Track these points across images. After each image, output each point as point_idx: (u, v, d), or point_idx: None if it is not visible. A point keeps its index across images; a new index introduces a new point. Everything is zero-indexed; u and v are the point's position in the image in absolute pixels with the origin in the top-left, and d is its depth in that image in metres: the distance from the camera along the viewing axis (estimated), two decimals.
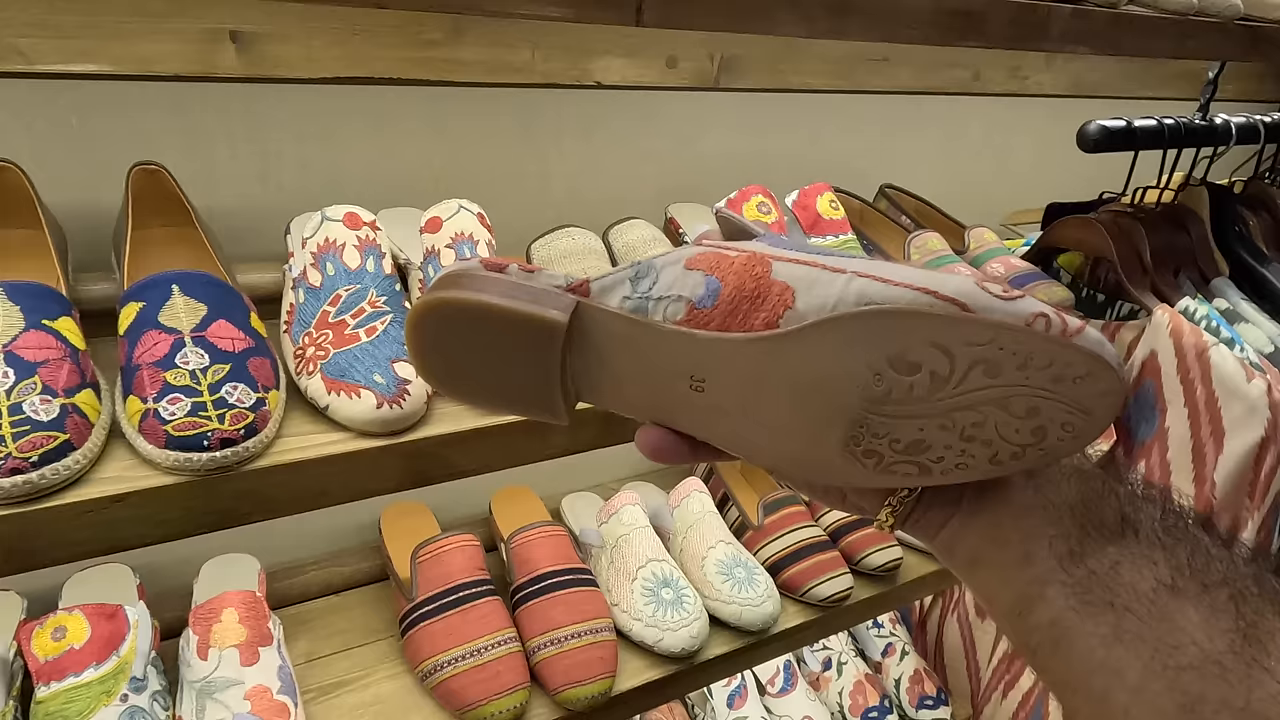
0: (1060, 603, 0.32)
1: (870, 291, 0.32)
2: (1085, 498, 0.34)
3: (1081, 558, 0.33)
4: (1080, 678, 0.32)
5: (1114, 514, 0.33)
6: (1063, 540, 0.33)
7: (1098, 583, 0.32)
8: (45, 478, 0.48)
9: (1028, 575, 0.34)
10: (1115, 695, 0.30)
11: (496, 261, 0.36)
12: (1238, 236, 1.09)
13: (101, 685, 0.65)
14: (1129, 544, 0.32)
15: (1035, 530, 0.34)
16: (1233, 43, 0.96)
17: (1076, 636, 0.32)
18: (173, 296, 0.57)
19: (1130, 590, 0.31)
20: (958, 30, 0.73)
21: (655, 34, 0.90)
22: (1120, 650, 0.30)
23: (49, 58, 0.66)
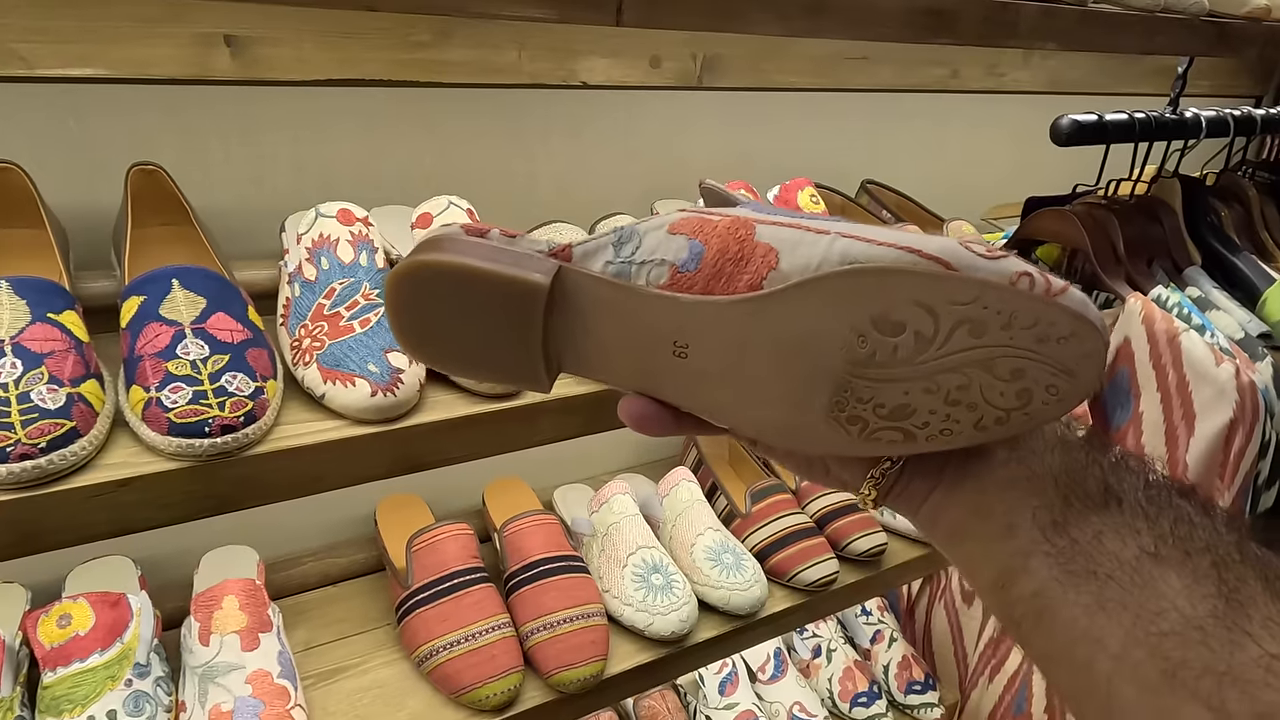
0: (1043, 573, 0.32)
1: (854, 251, 0.32)
2: (1069, 468, 0.34)
3: (1065, 528, 0.32)
4: (1063, 648, 0.32)
5: (1098, 484, 0.33)
6: (1046, 511, 0.33)
7: (1080, 552, 0.32)
8: (53, 463, 0.50)
9: (1011, 547, 0.34)
10: (1098, 664, 0.30)
11: (478, 226, 0.36)
12: (1210, 227, 1.12)
13: (106, 670, 0.67)
14: (1112, 513, 0.32)
15: (1018, 501, 0.34)
16: (1199, 38, 0.99)
17: (1059, 607, 0.32)
18: (173, 290, 0.59)
19: (1113, 559, 0.31)
20: (930, 28, 0.76)
21: (639, 35, 0.92)
22: (1103, 619, 0.30)
23: (48, 62, 0.68)
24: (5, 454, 0.49)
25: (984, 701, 1.21)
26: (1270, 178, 1.24)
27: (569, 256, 0.36)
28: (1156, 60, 1.44)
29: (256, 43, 0.74)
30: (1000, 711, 1.18)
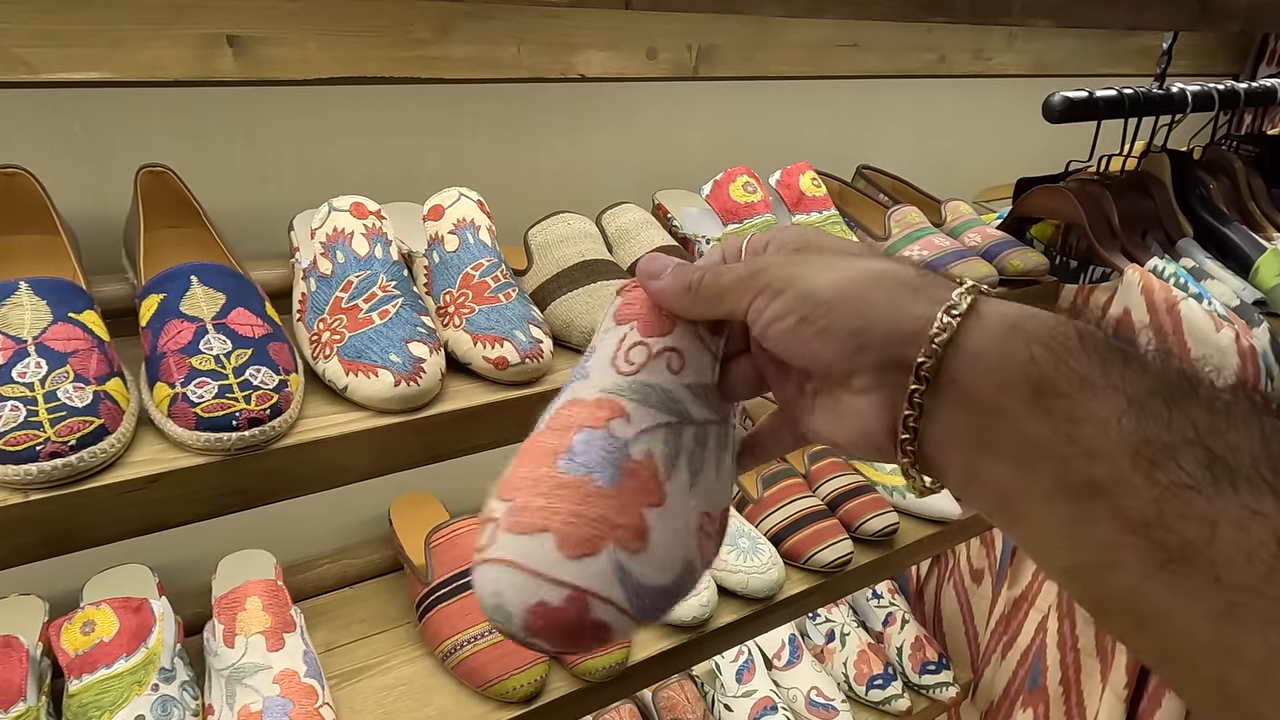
0: (1138, 571, 0.25)
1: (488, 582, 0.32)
2: (1147, 436, 0.25)
3: (1163, 524, 0.25)
4: (1181, 657, 0.25)
5: (1197, 457, 0.25)
6: (1132, 501, 0.25)
7: (1192, 553, 0.24)
8: (84, 460, 0.50)
9: (1087, 535, 0.26)
10: (1234, 679, 0.24)
11: None
12: (1200, 199, 1.14)
13: (133, 676, 0.67)
14: (1225, 495, 0.24)
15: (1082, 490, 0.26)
16: (1185, 13, 1.01)
17: (1171, 615, 0.25)
18: (192, 287, 0.59)
19: (1242, 559, 0.23)
20: (927, 6, 0.77)
21: (635, 27, 0.93)
22: (1235, 629, 0.24)
23: (52, 67, 0.68)
24: (35, 452, 0.49)
25: (997, 678, 1.22)
26: (1254, 150, 1.27)
27: None
28: (1138, 41, 1.46)
29: (259, 43, 0.74)
30: (1014, 687, 1.19)
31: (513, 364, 0.65)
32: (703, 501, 0.34)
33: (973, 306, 0.29)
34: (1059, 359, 0.27)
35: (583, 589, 0.31)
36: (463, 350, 0.67)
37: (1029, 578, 1.17)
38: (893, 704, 1.17)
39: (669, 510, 0.33)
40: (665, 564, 0.32)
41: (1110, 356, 0.27)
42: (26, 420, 0.50)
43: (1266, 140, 1.28)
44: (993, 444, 0.29)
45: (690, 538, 0.34)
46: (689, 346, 0.36)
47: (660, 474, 0.33)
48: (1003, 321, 0.29)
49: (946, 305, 0.29)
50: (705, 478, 0.35)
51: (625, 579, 0.31)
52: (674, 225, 0.94)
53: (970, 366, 0.29)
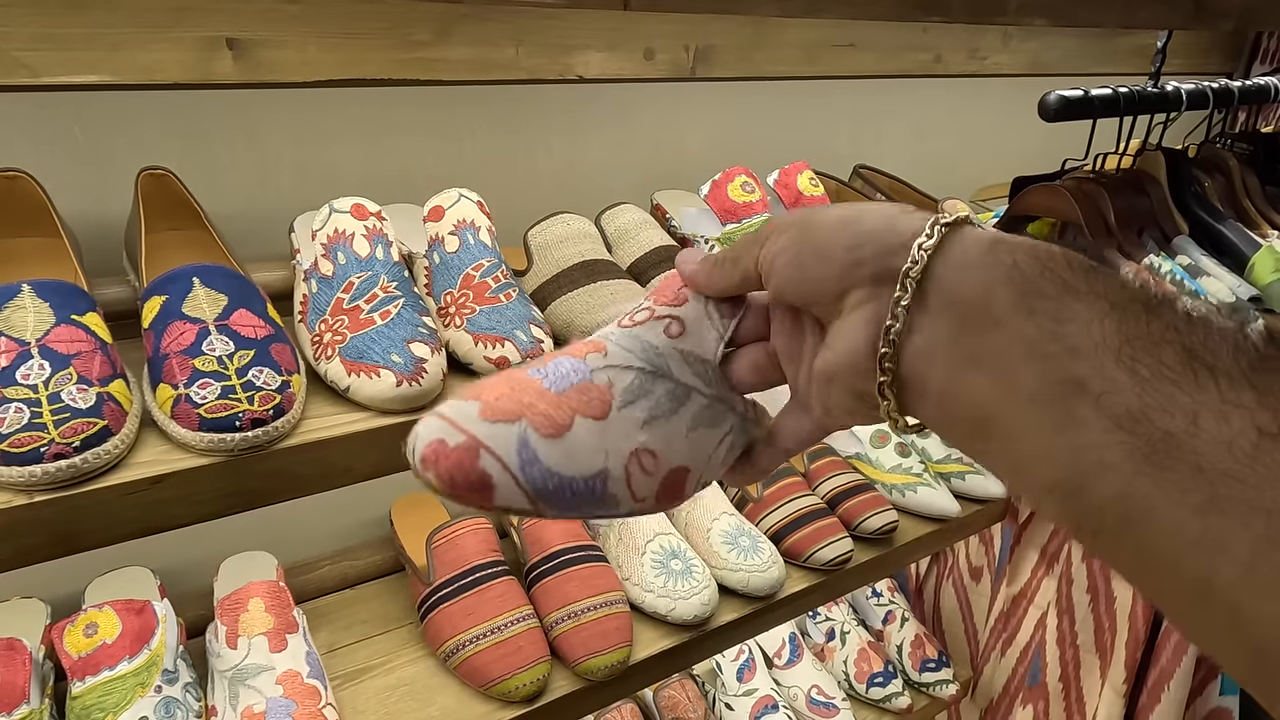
0: (1127, 470, 0.25)
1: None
2: (1131, 336, 0.26)
3: (1146, 415, 0.25)
4: (1167, 559, 0.25)
5: (1177, 352, 0.26)
6: (1114, 396, 0.26)
7: (1175, 444, 0.25)
8: (88, 461, 0.50)
9: (1074, 442, 0.26)
10: (1221, 573, 0.24)
11: None
12: (1195, 197, 1.14)
13: (136, 677, 0.67)
14: (1205, 388, 0.25)
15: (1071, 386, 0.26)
16: (1179, 12, 1.01)
17: (1158, 512, 0.25)
18: (194, 288, 0.59)
19: (1221, 447, 0.24)
20: (923, 6, 0.77)
21: (633, 28, 0.93)
22: (1220, 521, 0.24)
23: (52, 70, 0.68)
24: (39, 454, 0.49)
25: (997, 676, 1.23)
26: (1249, 148, 1.27)
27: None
28: (1132, 40, 1.47)
29: (259, 45, 0.75)
30: (1014, 684, 1.20)
31: (514, 364, 0.65)
32: (652, 442, 0.36)
33: (958, 222, 0.31)
34: (1043, 266, 0.28)
35: (480, 440, 0.33)
36: (464, 350, 0.67)
37: (1028, 575, 1.18)
38: (893, 702, 1.17)
39: (605, 427, 0.35)
40: (575, 459, 0.34)
41: (1091, 271, 0.28)
42: (31, 422, 0.50)
43: (1261, 138, 1.29)
44: (975, 353, 0.29)
45: (618, 459, 0.35)
46: (694, 319, 0.38)
47: (613, 400, 0.35)
48: (987, 235, 0.30)
49: (934, 219, 0.31)
50: (665, 428, 0.36)
51: (524, 449, 0.33)
52: (672, 225, 0.95)
53: (955, 273, 0.30)
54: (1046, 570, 1.15)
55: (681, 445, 0.37)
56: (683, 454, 0.37)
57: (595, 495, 0.35)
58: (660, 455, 0.36)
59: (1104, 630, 1.06)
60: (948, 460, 1.12)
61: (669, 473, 0.37)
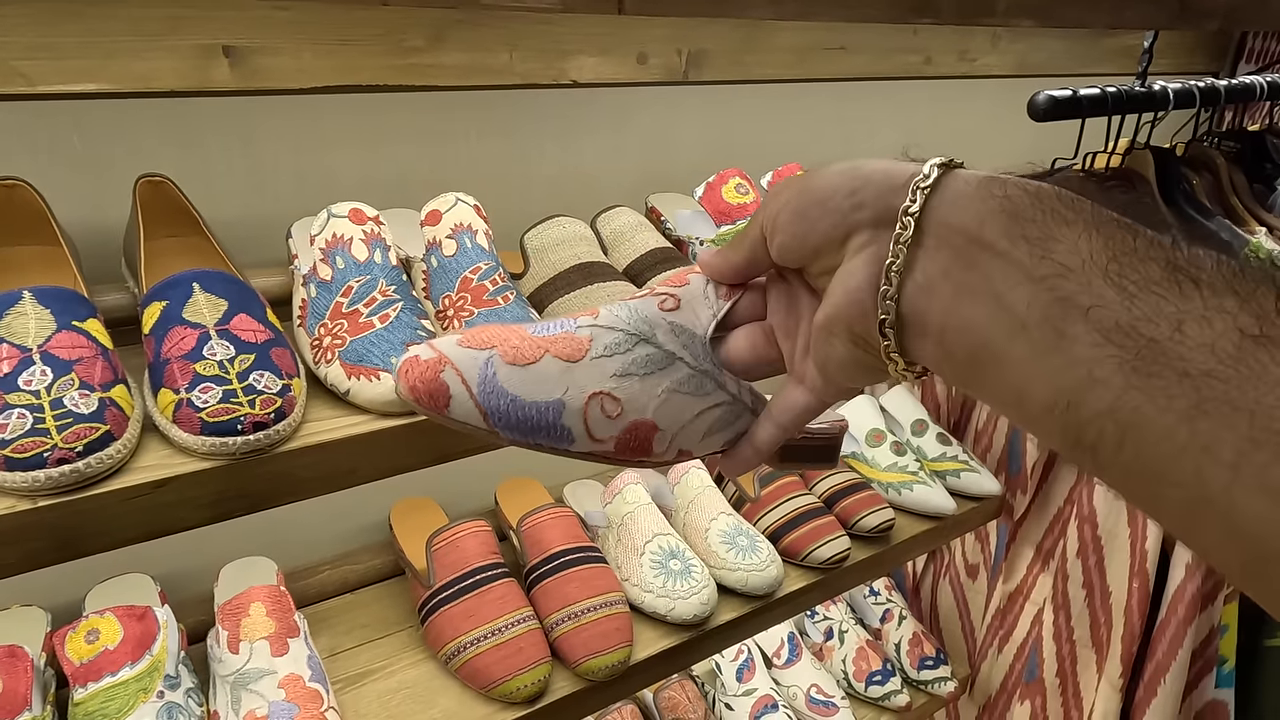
0: (1117, 383, 0.26)
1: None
2: (1117, 252, 0.27)
3: (1133, 326, 0.26)
4: (1158, 466, 0.26)
5: (1161, 265, 0.26)
6: (1102, 310, 0.27)
7: (1161, 351, 0.25)
8: (90, 466, 0.51)
9: (1064, 359, 0.27)
10: (1210, 476, 0.25)
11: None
12: (1183, 194, 1.15)
13: (138, 683, 0.67)
14: (1189, 297, 0.26)
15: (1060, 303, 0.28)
16: (1164, 12, 1.03)
17: (1148, 420, 0.26)
18: (194, 294, 0.60)
19: (1205, 350, 0.25)
20: (914, 8, 0.78)
21: (626, 33, 0.94)
22: (1207, 424, 0.25)
23: (50, 79, 0.68)
24: (43, 459, 0.49)
25: (994, 672, 1.23)
26: (1236, 146, 1.29)
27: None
28: (1119, 40, 1.49)
29: (255, 53, 0.75)
30: (1012, 680, 1.20)
31: None
32: (619, 391, 0.38)
33: (954, 164, 0.32)
34: (1033, 198, 0.29)
35: (448, 358, 0.37)
36: None
37: (1024, 571, 1.18)
38: (892, 700, 1.18)
39: (572, 368, 0.37)
40: (532, 387, 0.37)
41: (1079, 200, 0.29)
42: (34, 427, 0.50)
43: (1247, 136, 1.30)
44: (970, 284, 0.30)
45: (578, 395, 0.37)
46: (691, 298, 0.40)
47: (588, 349, 0.38)
48: (980, 173, 0.32)
49: (931, 161, 0.32)
50: (637, 384, 0.38)
51: (486, 372, 0.36)
52: (667, 227, 0.95)
53: (951, 207, 0.31)
54: (1042, 567, 1.15)
55: (652, 403, 0.38)
56: (652, 411, 0.39)
57: (547, 423, 0.37)
58: (625, 404, 0.38)
59: (1100, 625, 1.07)
60: (943, 459, 1.13)
61: (633, 424, 0.38)
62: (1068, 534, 1.11)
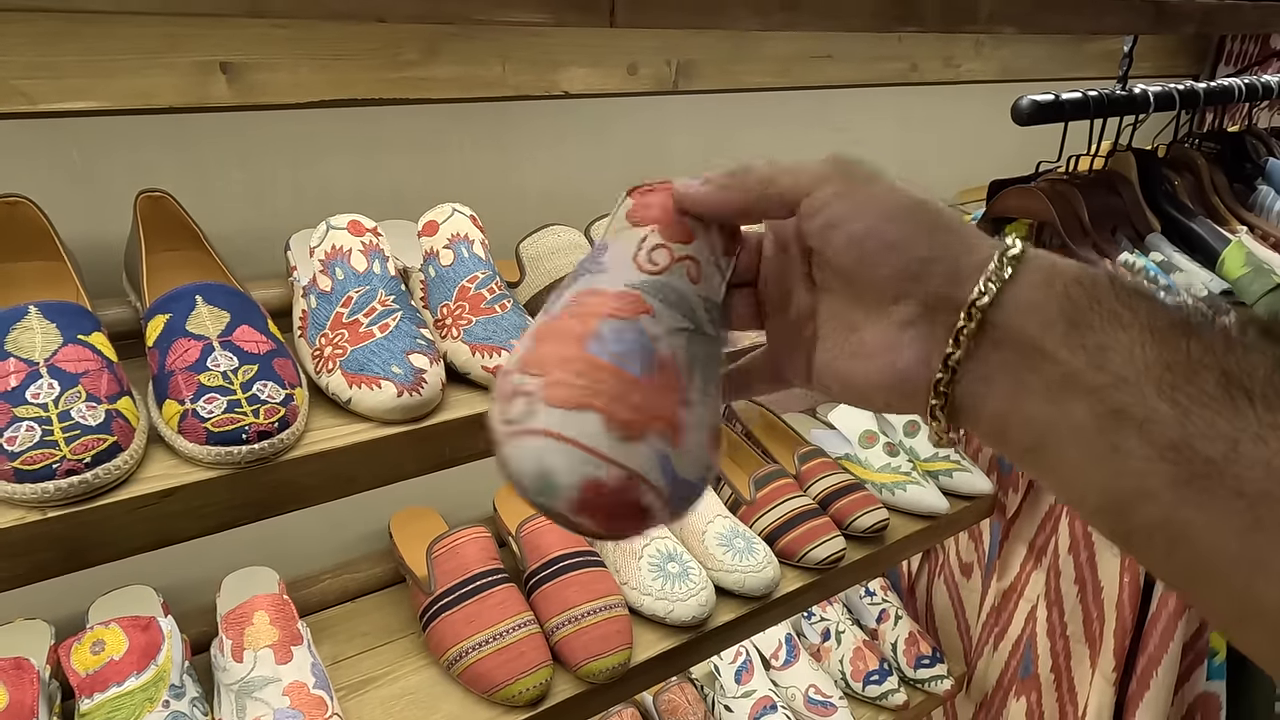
0: (1169, 498, 0.26)
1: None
2: (1172, 364, 0.27)
3: (1188, 444, 0.26)
4: (1210, 575, 0.26)
5: (1216, 378, 0.27)
6: (1157, 426, 0.27)
7: (1216, 470, 0.26)
8: (99, 477, 0.51)
9: (1119, 468, 0.28)
10: (1262, 590, 0.25)
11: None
12: (1165, 195, 1.17)
13: (144, 693, 0.68)
14: (1244, 414, 0.26)
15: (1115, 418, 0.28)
16: (1142, 17, 1.05)
17: (1200, 533, 0.26)
18: (197, 306, 0.61)
19: (1262, 468, 0.25)
20: (897, 17, 0.80)
21: (617, 44, 0.96)
22: (1262, 539, 0.25)
23: (49, 97, 0.69)
24: (52, 470, 0.50)
25: (990, 669, 1.25)
26: (1216, 147, 1.31)
27: None
28: (1101, 45, 1.51)
29: (251, 69, 0.76)
30: (1007, 677, 1.22)
31: None
32: (713, 411, 0.35)
33: (1023, 254, 0.31)
34: (1091, 297, 0.29)
35: (634, 471, 0.31)
36: (461, 360, 0.69)
37: (1017, 569, 1.20)
38: (889, 699, 1.19)
39: (693, 411, 0.34)
40: (695, 462, 0.33)
41: (1133, 295, 0.29)
42: (42, 439, 0.51)
43: (1227, 137, 1.33)
44: (1029, 384, 0.30)
45: (710, 442, 0.34)
46: (705, 261, 0.36)
47: (681, 376, 0.34)
48: (1044, 266, 0.31)
49: (1002, 250, 0.31)
50: (712, 389, 0.35)
51: (665, 468, 0.32)
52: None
53: (1016, 307, 0.30)
54: (1035, 563, 1.17)
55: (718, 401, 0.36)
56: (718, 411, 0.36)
57: (703, 491, 0.34)
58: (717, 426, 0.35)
59: (1093, 620, 1.08)
60: (935, 459, 1.15)
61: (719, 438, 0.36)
62: (1059, 531, 1.13)
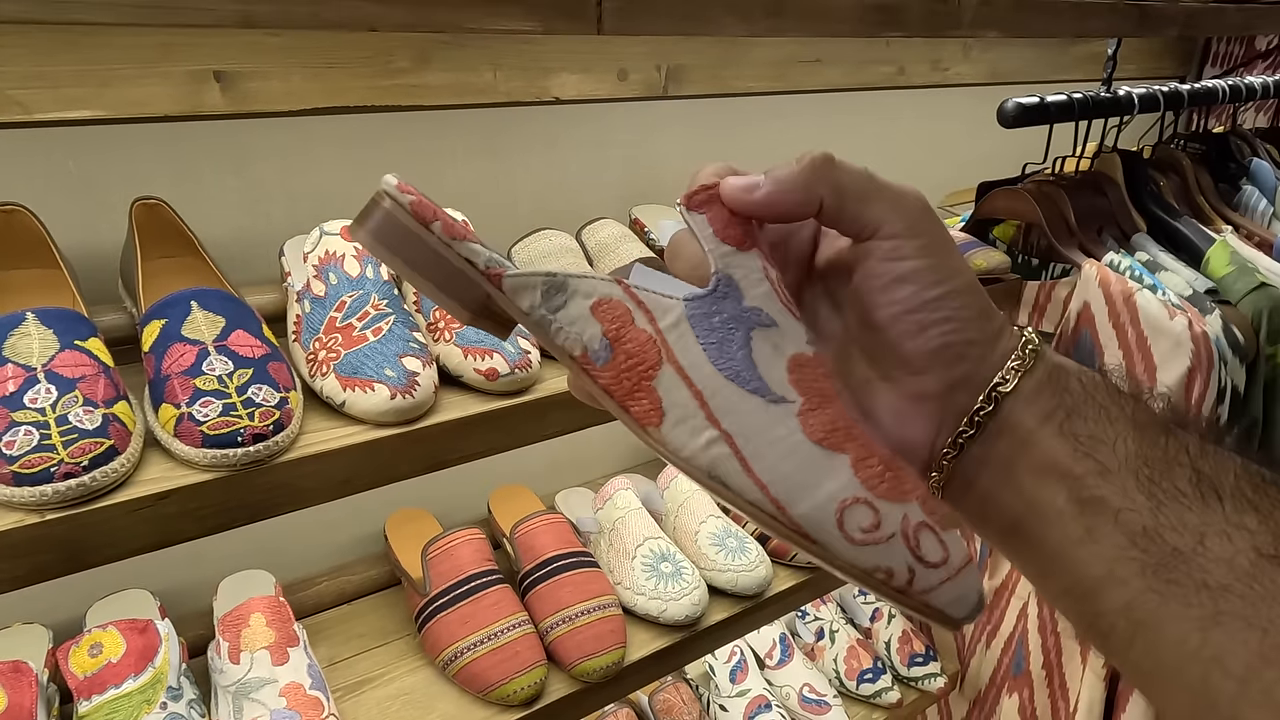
0: (1136, 584, 0.28)
1: (721, 470, 0.30)
2: (1149, 459, 0.29)
3: (1159, 534, 0.27)
4: (1170, 667, 0.27)
5: (1188, 475, 0.28)
6: (1132, 514, 0.28)
7: (1183, 560, 0.27)
8: (96, 480, 0.52)
9: (1090, 553, 0.29)
10: (1217, 686, 0.26)
11: (423, 212, 0.34)
12: (1151, 195, 1.19)
13: (142, 695, 0.68)
14: (1213, 510, 0.27)
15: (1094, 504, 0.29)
16: (1126, 20, 1.06)
17: (1161, 623, 0.27)
18: (193, 311, 0.61)
19: (1224, 565, 0.26)
20: (881, 23, 0.81)
21: (607, 50, 0.97)
22: (1220, 635, 0.26)
23: (46, 107, 0.70)
24: (50, 474, 0.51)
25: (983, 667, 1.26)
26: (1201, 148, 1.32)
27: (500, 284, 0.33)
28: (1086, 48, 1.53)
29: (245, 77, 0.77)
30: (1000, 674, 1.23)
31: (503, 375, 0.68)
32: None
33: (1040, 347, 0.32)
34: (1088, 393, 0.31)
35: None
36: (454, 363, 0.70)
37: (1008, 566, 1.21)
38: (883, 697, 1.20)
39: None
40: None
41: (1123, 395, 0.31)
42: (40, 443, 0.52)
43: (1212, 138, 1.34)
44: (1017, 469, 0.31)
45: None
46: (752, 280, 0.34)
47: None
48: (1053, 361, 0.32)
49: (1024, 341, 0.32)
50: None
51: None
52: (651, 238, 0.98)
53: (1025, 400, 0.31)
54: None
55: None
56: None
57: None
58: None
59: None
60: None
61: None
62: None
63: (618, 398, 0.32)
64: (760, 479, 0.30)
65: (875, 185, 0.33)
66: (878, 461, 0.30)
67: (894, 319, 0.32)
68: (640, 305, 0.32)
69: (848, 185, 0.33)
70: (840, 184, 0.33)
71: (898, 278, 0.32)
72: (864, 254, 0.33)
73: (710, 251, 0.33)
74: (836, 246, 0.36)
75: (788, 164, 0.33)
